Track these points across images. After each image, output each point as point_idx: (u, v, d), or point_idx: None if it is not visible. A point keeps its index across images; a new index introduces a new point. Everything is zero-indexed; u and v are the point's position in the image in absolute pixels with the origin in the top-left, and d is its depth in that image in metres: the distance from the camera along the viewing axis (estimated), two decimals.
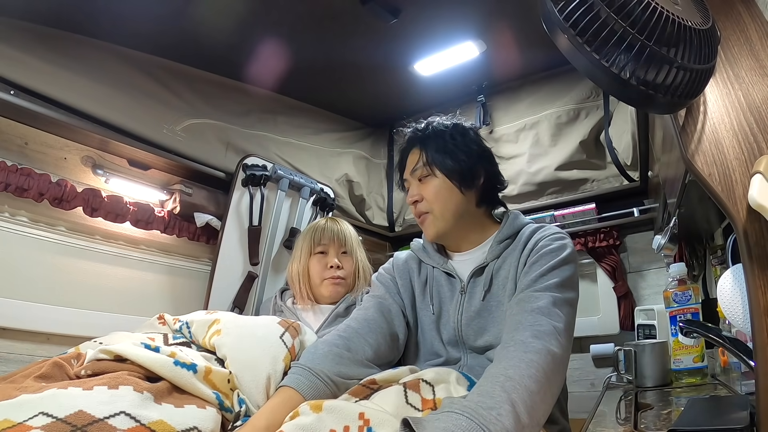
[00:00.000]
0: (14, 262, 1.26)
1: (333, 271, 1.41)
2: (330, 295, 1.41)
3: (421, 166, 1.00)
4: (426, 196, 1.00)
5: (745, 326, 0.69)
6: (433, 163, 0.99)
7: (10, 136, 1.29)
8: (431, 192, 0.99)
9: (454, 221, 0.99)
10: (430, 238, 1.03)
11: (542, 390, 0.68)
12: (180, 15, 1.46)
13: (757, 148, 0.62)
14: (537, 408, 0.66)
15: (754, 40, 0.72)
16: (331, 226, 1.49)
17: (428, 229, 1.01)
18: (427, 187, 1.00)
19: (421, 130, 1.04)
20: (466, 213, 1.00)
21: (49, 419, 0.59)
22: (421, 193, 1.00)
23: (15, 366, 1.15)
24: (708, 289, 1.42)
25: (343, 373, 0.85)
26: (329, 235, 1.46)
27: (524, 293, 0.85)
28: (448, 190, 0.98)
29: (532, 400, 0.65)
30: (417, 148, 1.03)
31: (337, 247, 1.46)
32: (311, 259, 1.44)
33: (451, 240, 1.04)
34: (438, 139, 1.01)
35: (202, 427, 0.69)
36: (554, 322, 0.78)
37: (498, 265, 0.97)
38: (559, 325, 0.79)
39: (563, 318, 0.81)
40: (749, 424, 0.58)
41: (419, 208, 1.01)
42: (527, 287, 0.86)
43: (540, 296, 0.83)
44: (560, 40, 0.62)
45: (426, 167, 1.00)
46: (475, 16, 1.69)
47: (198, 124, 1.69)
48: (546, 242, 0.93)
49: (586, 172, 2.01)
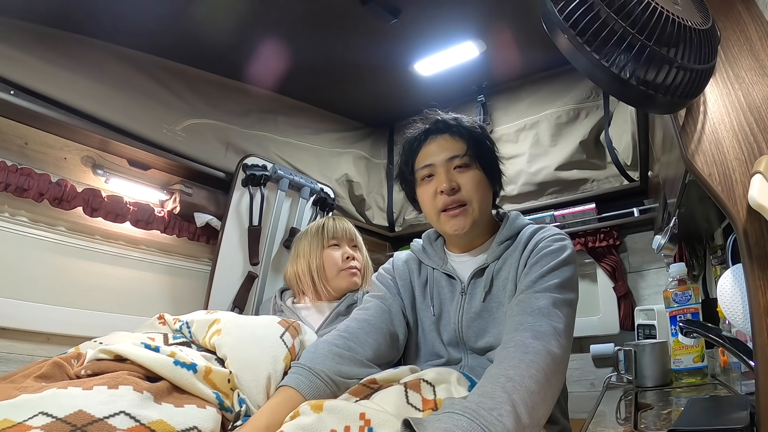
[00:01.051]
0: (14, 262, 1.26)
1: (350, 262, 1.43)
2: (348, 286, 1.41)
3: (463, 154, 0.96)
4: (466, 187, 0.95)
5: (745, 326, 0.69)
6: (479, 154, 0.97)
7: (10, 136, 1.29)
8: (472, 183, 0.95)
9: (482, 217, 0.99)
10: (459, 230, 0.96)
11: (542, 390, 0.68)
12: (180, 15, 1.46)
13: (757, 148, 0.62)
14: (537, 408, 0.66)
15: (754, 40, 0.72)
16: (340, 222, 1.52)
17: (461, 221, 0.95)
18: (467, 177, 0.95)
19: (452, 120, 1.01)
20: (487, 210, 1.01)
21: (49, 419, 0.59)
22: (459, 183, 0.95)
23: (15, 366, 1.15)
24: (708, 289, 1.42)
25: (344, 373, 0.85)
26: (341, 229, 1.48)
27: (524, 294, 0.85)
28: (486, 184, 0.98)
29: (532, 400, 0.65)
30: (456, 136, 0.98)
31: (348, 240, 1.49)
32: (325, 252, 1.44)
33: (468, 237, 1.01)
34: (476, 134, 1.00)
35: (202, 427, 0.69)
36: (554, 322, 0.78)
37: (498, 267, 0.97)
38: (559, 325, 0.79)
39: (563, 319, 0.80)
40: (749, 424, 0.58)
41: (457, 198, 0.95)
42: (527, 288, 0.86)
43: (540, 297, 0.83)
44: (560, 40, 0.62)
45: (469, 157, 0.96)
46: (475, 16, 1.69)
47: (198, 124, 1.69)
48: (546, 243, 0.93)
49: (586, 172, 2.01)
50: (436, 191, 0.96)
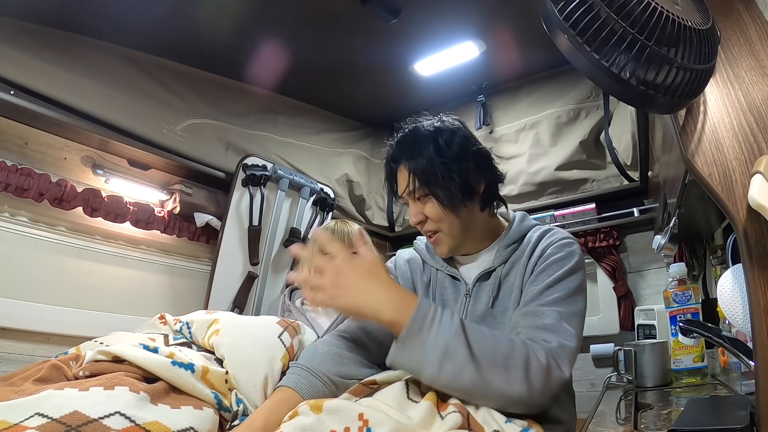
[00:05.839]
0: (14, 262, 1.26)
1: None
2: None
3: (414, 187, 0.93)
4: (430, 217, 0.94)
5: (745, 326, 0.69)
6: (426, 185, 0.92)
7: (10, 136, 1.29)
8: (434, 213, 0.93)
9: (465, 234, 0.97)
10: (444, 255, 0.99)
11: (489, 370, 0.69)
12: (180, 15, 1.46)
13: (757, 148, 0.62)
14: (483, 372, 0.68)
15: (754, 40, 0.72)
16: (342, 225, 1.52)
17: (441, 247, 0.97)
18: (428, 207, 0.94)
19: (405, 145, 0.97)
20: (473, 222, 0.97)
21: (44, 420, 0.59)
22: (424, 213, 0.94)
23: (15, 366, 1.15)
24: (708, 289, 1.41)
25: (343, 373, 0.85)
26: (339, 232, 1.48)
27: (529, 307, 0.84)
28: (451, 211, 0.93)
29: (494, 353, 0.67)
30: (403, 167, 0.96)
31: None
32: None
33: (464, 250, 1.01)
34: (424, 154, 0.92)
35: (199, 428, 0.69)
36: (563, 339, 0.78)
37: (506, 271, 0.95)
38: (569, 343, 0.78)
39: (573, 333, 0.80)
40: (749, 424, 0.58)
41: (426, 228, 0.96)
42: (533, 300, 0.85)
43: (546, 312, 0.82)
44: (560, 40, 0.62)
45: (421, 189, 0.93)
46: (475, 16, 1.69)
47: (198, 124, 1.69)
48: (553, 250, 0.91)
49: (586, 172, 2.01)
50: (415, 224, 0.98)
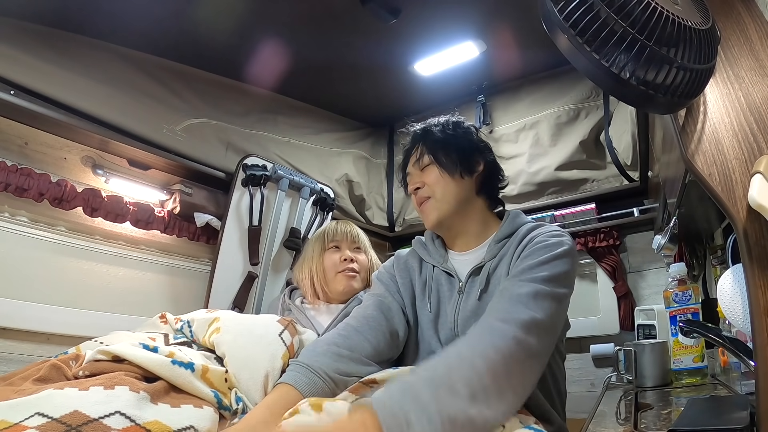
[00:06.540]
0: (14, 262, 1.26)
1: (347, 264, 1.41)
2: (344, 289, 1.39)
3: (421, 155, 1.04)
4: (427, 182, 1.02)
5: (745, 326, 0.69)
6: (434, 150, 1.03)
7: (10, 136, 1.29)
8: (432, 177, 1.02)
9: (456, 206, 1.01)
10: (431, 223, 1.03)
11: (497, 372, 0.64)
12: (180, 15, 1.46)
13: (757, 148, 0.62)
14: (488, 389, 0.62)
15: (754, 40, 0.72)
16: (343, 225, 1.51)
17: (430, 213, 1.02)
18: (428, 174, 1.03)
19: (421, 128, 1.10)
20: (466, 200, 1.02)
21: (45, 419, 0.59)
22: (423, 180, 1.03)
23: (15, 366, 1.15)
24: (708, 289, 1.41)
25: (342, 371, 0.85)
26: (341, 232, 1.48)
27: (509, 281, 0.84)
28: (449, 176, 1.01)
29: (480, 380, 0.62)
30: (418, 143, 1.07)
31: (349, 242, 1.47)
32: (324, 254, 1.44)
33: (452, 229, 1.03)
34: (437, 131, 1.06)
35: (199, 426, 0.69)
36: (532, 312, 0.74)
37: (495, 265, 0.96)
38: (538, 316, 0.74)
39: (544, 311, 0.76)
40: (749, 424, 0.58)
41: (421, 194, 1.03)
42: (513, 277, 0.84)
43: (523, 285, 0.80)
44: (560, 40, 0.62)
45: (427, 156, 1.03)
46: (475, 16, 1.69)
47: (198, 124, 1.69)
48: (541, 239, 0.91)
49: (586, 172, 2.01)
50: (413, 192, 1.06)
